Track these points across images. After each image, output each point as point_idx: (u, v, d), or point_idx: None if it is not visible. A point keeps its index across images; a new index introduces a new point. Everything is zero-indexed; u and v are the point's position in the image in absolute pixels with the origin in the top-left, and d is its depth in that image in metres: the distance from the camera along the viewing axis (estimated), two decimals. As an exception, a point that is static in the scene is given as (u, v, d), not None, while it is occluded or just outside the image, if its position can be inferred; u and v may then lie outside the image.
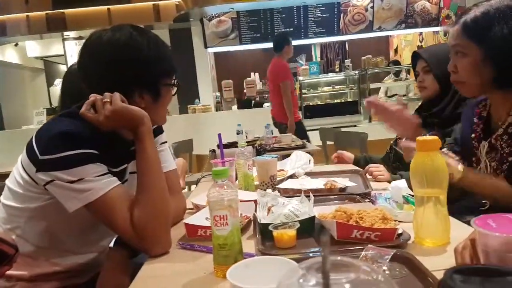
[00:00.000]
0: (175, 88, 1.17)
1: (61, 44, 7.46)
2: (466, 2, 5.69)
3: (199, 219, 1.12)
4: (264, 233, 1.00)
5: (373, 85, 5.93)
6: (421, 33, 6.94)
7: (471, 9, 1.16)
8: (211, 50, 6.49)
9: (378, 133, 4.54)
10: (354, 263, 0.35)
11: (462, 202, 1.26)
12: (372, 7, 6.18)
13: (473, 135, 1.30)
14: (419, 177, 0.89)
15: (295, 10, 6.16)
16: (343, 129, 4.49)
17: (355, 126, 6.03)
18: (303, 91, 6.54)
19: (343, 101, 6.53)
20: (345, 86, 6.59)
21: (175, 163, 1.33)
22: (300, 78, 6.64)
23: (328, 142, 3.97)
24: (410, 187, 1.05)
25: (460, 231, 0.91)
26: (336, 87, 6.62)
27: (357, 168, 1.88)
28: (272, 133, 3.65)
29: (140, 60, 1.06)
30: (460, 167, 1.12)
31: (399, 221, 1.04)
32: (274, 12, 6.13)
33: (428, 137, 0.90)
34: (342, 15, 6.22)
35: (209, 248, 0.93)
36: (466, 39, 1.14)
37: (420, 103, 1.83)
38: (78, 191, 0.94)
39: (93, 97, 1.02)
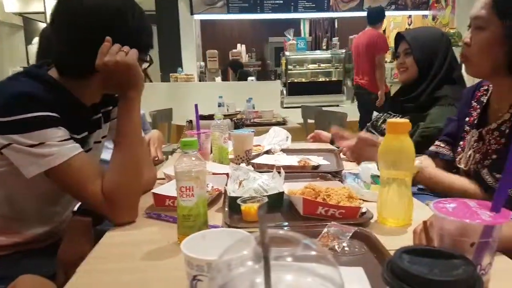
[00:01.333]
0: (147, 64, 1.14)
1: (41, 0, 7.14)
2: None
3: (168, 189, 1.11)
4: (232, 206, 1.01)
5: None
6: (410, 16, 6.90)
7: None
8: (197, 17, 6.32)
9: (357, 113, 4.59)
10: (296, 238, 0.35)
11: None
12: (364, -15, 6.10)
13: (467, 119, 1.27)
14: (386, 159, 0.91)
15: (285, -18, 6.03)
16: (324, 108, 4.50)
17: (337, 106, 6.05)
18: (289, 67, 6.49)
19: (327, 80, 6.52)
20: (330, 65, 6.56)
21: (145, 134, 1.30)
22: (287, 53, 6.58)
23: (310, 121, 3.98)
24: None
25: (423, 213, 0.93)
26: (322, 65, 6.59)
27: (332, 147, 1.90)
28: (254, 108, 3.63)
29: (123, 29, 1.01)
30: (418, 163, 1.14)
31: (365, 200, 1.07)
32: (263, -17, 5.98)
33: (398, 120, 0.91)
34: (333, -9, 6.12)
35: (175, 218, 0.93)
36: (492, 13, 1.05)
37: (398, 88, 1.84)
38: (38, 155, 0.91)
39: (109, 41, 0.98)
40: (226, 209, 1.01)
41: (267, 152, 1.74)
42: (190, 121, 1.87)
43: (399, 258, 0.43)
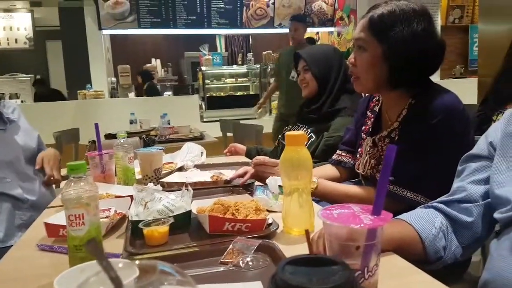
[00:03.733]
0: None
1: None
2: (358, 4, 6.11)
3: (63, 217, 1.01)
4: (135, 231, 0.94)
5: (273, 80, 6.09)
6: (317, 33, 7.34)
7: (380, 5, 1.17)
8: (106, 32, 6.05)
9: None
10: (151, 265, 0.33)
11: None
12: (273, 3, 6.35)
13: (363, 127, 1.35)
14: (286, 170, 0.92)
15: (198, -1, 6.05)
16: (242, 121, 4.55)
17: (255, 118, 6.17)
18: (206, 81, 6.49)
19: (245, 93, 6.62)
20: (247, 79, 6.69)
21: None
22: (203, 68, 6.57)
23: (228, 134, 3.99)
24: None
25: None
26: (239, 79, 6.69)
27: (246, 160, 1.90)
28: (169, 123, 3.53)
29: None
30: (315, 179, 1.21)
31: (275, 211, 1.08)
32: (175, -2, 5.94)
33: (295, 133, 0.93)
34: (245, 8, 6.28)
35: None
36: (370, 35, 1.14)
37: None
38: None
39: None
40: (128, 234, 0.94)
41: (180, 169, 1.69)
42: (93, 141, 1.74)
43: (282, 270, 0.42)
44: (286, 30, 7.08)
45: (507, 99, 2.28)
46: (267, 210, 1.05)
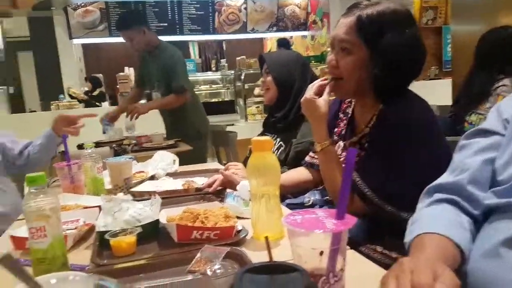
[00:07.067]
0: None
1: None
2: (331, 8, 6.06)
3: (28, 231, 0.99)
4: (102, 242, 0.93)
5: (248, 86, 6.12)
6: (291, 37, 7.41)
7: (366, 4, 1.10)
8: (77, 41, 5.95)
9: (251, 131, 4.73)
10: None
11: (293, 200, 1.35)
12: (246, 8, 6.38)
13: (336, 130, 1.31)
14: (254, 175, 0.93)
15: (168, 5, 6.01)
16: (218, 128, 4.54)
17: (232, 125, 6.17)
18: (180, 88, 6.45)
19: (220, 100, 6.60)
20: (222, 85, 6.68)
21: None
22: (177, 75, 6.53)
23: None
24: None
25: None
26: (213, 86, 6.67)
27: (219, 166, 1.90)
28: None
29: None
30: (327, 140, 1.17)
31: (246, 218, 1.07)
32: (146, 6, 5.88)
33: (262, 138, 0.94)
34: (217, 14, 6.28)
35: (32, 264, 0.82)
36: (356, 37, 1.08)
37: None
38: None
39: None
40: (95, 245, 0.93)
41: (152, 178, 1.67)
42: (63, 152, 1.71)
43: (240, 280, 0.42)
44: (260, 35, 7.15)
45: (478, 99, 2.34)
46: (237, 217, 1.04)
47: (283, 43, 5.65)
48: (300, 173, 1.46)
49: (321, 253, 0.55)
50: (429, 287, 0.50)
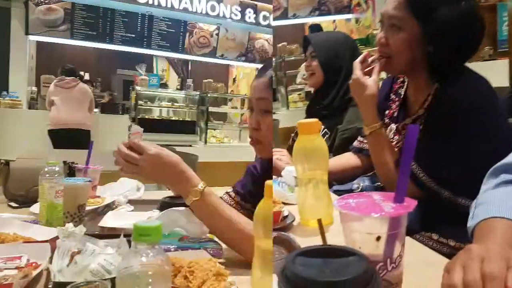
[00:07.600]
0: None
1: None
2: None
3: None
4: (59, 296, 0.73)
5: (212, 109, 6.02)
6: (334, 21, 6.65)
7: None
8: (33, 38, 5.55)
9: (210, 155, 4.58)
10: None
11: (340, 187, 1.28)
12: (217, 34, 6.36)
13: (387, 112, 1.25)
14: (301, 159, 0.89)
15: (139, 17, 5.86)
16: (177, 148, 4.33)
17: (190, 146, 5.98)
18: (140, 102, 6.19)
19: (181, 119, 6.44)
20: (185, 105, 6.53)
21: None
22: (138, 88, 6.29)
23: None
24: None
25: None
26: (175, 104, 6.50)
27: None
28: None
29: None
30: (378, 123, 1.11)
31: (291, 204, 1.04)
32: (115, 14, 5.68)
33: (309, 120, 0.89)
34: (188, 34, 6.20)
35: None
36: (407, 12, 1.03)
37: (310, 99, 1.76)
38: None
39: None
40: (48, 300, 0.73)
41: (108, 205, 1.45)
42: (7, 163, 1.42)
43: (292, 263, 0.40)
44: (228, 62, 7.14)
45: None
46: (283, 203, 1.00)
47: (316, 29, 5.27)
48: (348, 159, 1.38)
49: (378, 238, 0.52)
50: (502, 277, 0.46)
